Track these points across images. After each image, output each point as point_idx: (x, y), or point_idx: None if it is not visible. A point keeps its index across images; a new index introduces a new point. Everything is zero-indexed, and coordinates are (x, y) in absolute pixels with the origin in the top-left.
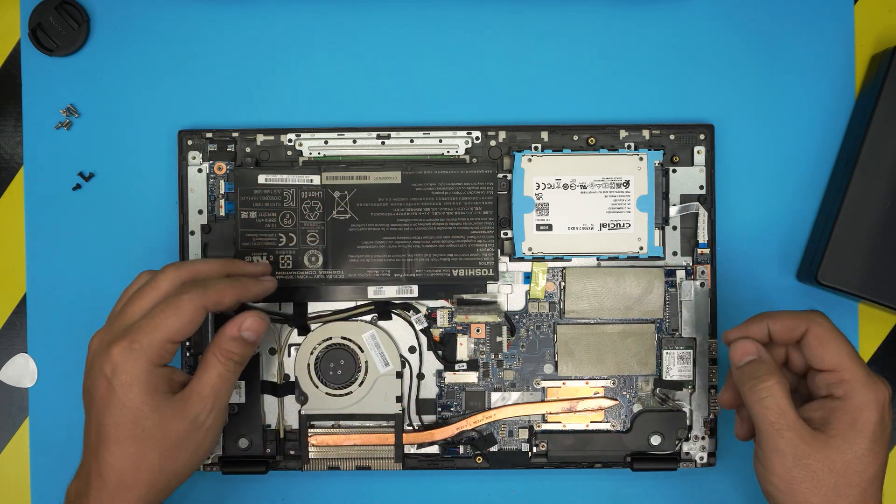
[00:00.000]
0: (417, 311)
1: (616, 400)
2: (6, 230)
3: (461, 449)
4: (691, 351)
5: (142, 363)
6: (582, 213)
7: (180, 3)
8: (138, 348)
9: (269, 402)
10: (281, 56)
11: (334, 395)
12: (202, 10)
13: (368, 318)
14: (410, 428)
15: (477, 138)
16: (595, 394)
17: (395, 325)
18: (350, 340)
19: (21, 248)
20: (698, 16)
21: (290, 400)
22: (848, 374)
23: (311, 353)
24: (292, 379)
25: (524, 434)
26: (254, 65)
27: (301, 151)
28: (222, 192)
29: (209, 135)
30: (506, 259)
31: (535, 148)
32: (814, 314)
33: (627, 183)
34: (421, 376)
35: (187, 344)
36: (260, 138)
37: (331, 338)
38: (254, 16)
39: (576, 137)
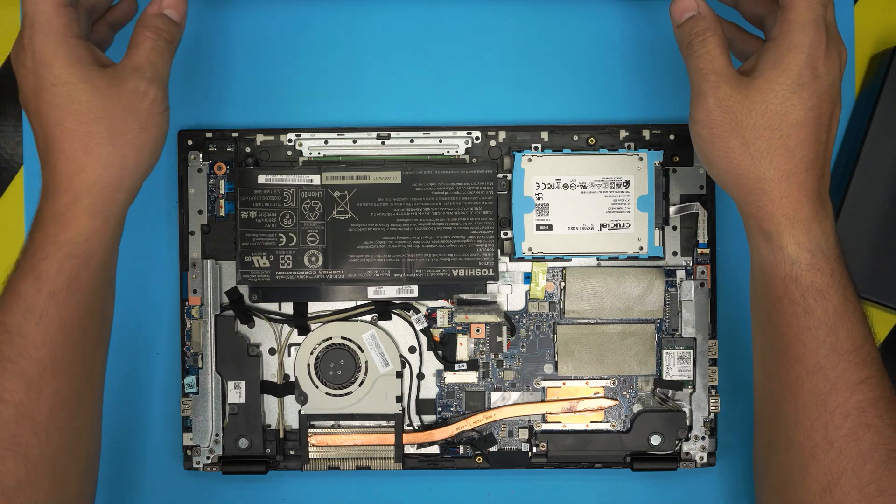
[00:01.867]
0: (417, 311)
1: (616, 400)
2: (6, 230)
3: (461, 449)
4: (691, 351)
5: (52, 37)
6: (582, 213)
7: None
8: (40, 25)
9: (269, 402)
10: (281, 56)
11: (334, 395)
12: (201, 10)
13: (368, 318)
14: (410, 428)
15: (477, 138)
16: (595, 394)
17: (395, 325)
18: (350, 340)
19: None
20: None
21: (290, 400)
22: (791, 13)
23: (311, 353)
24: (292, 379)
25: (524, 434)
26: (254, 65)
27: (301, 151)
28: (222, 192)
29: (209, 135)
30: (506, 259)
31: (535, 148)
32: None
33: (627, 183)
34: (421, 376)
35: (187, 346)
36: (260, 138)
37: (331, 338)
38: (254, 16)
39: (576, 137)
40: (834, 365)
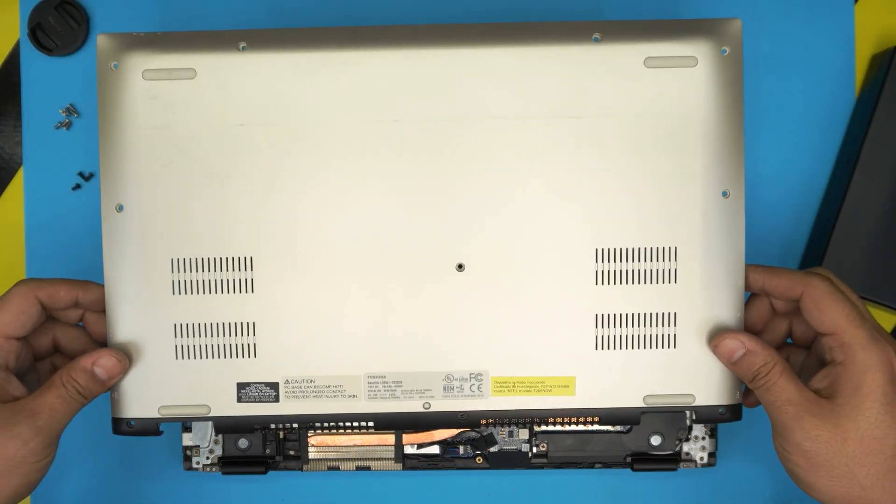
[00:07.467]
0: None
1: None
2: (6, 230)
3: (461, 449)
4: None
5: None
6: None
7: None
8: None
9: None
10: None
11: None
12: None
13: None
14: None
15: None
16: None
17: None
18: None
19: (21, 248)
20: (697, 16)
21: None
22: (847, 336)
23: None
24: None
25: (524, 434)
26: None
27: None
28: None
29: None
30: None
31: None
32: (812, 276)
33: None
34: None
35: None
36: None
37: None
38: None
39: None
40: None
